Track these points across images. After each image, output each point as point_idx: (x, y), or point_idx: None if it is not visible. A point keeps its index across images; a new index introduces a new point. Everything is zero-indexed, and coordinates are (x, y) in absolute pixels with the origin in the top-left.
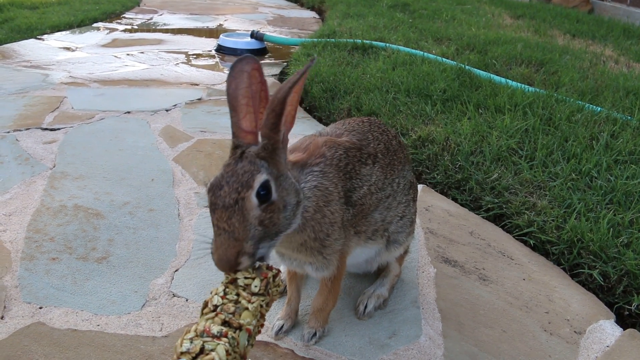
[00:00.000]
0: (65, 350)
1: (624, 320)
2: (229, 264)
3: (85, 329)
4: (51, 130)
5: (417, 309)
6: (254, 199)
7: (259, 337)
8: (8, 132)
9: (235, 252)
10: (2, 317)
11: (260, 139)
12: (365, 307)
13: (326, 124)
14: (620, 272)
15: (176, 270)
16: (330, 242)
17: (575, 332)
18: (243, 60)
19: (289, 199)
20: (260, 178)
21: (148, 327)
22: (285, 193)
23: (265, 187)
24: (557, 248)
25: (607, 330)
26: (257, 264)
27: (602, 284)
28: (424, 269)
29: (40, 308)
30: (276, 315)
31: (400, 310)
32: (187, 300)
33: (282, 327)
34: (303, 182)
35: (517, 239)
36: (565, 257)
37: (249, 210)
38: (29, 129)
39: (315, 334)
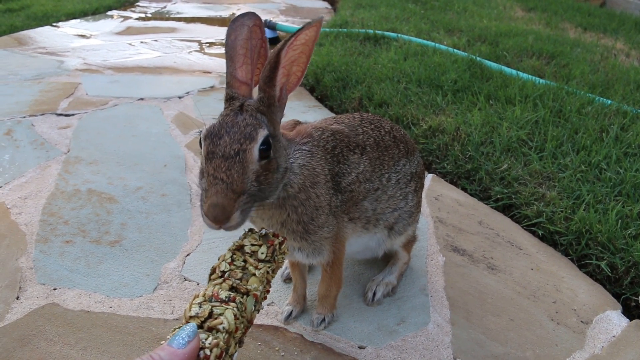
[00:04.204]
0: (79, 331)
1: (631, 311)
2: (223, 213)
3: (98, 311)
4: (66, 115)
5: (425, 296)
6: (255, 153)
7: (269, 322)
8: (24, 117)
9: (232, 202)
10: (17, 298)
11: (257, 93)
12: (374, 294)
13: (337, 113)
14: (627, 264)
15: (188, 255)
16: (314, 227)
17: (582, 321)
18: (245, 15)
19: (280, 161)
20: (263, 132)
21: (160, 309)
22: (278, 154)
23: (266, 142)
24: (566, 239)
25: (614, 320)
26: (264, 231)
27: (610, 275)
28: (433, 257)
29: (55, 289)
30: (285, 301)
31: (409, 297)
32: (198, 284)
33: (291, 312)
34: (292, 157)
35: (525, 229)
36: (573, 247)
37: (249, 163)
38: (44, 114)
39: (324, 319)
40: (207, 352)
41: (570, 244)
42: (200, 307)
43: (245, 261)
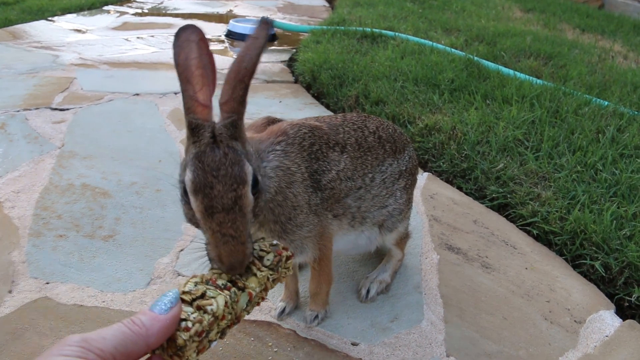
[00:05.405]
0: (71, 325)
1: (624, 312)
2: (241, 267)
3: (90, 305)
4: (60, 110)
5: (419, 294)
6: (250, 195)
7: (262, 317)
8: (18, 111)
9: (244, 256)
10: (10, 291)
11: (222, 114)
12: (368, 291)
13: (334, 111)
14: (621, 264)
15: (181, 250)
16: (292, 227)
17: (575, 321)
18: (187, 29)
19: (259, 175)
20: (249, 169)
21: None
22: (256, 171)
23: (255, 177)
24: (560, 239)
25: (607, 320)
26: (275, 241)
27: (604, 275)
28: (427, 255)
29: (47, 283)
30: (278, 298)
31: (403, 295)
32: None
33: (284, 309)
34: (265, 160)
35: (520, 229)
36: (567, 247)
37: (247, 206)
38: (38, 108)
39: (317, 316)
40: (189, 324)
41: (564, 244)
42: (195, 285)
43: (252, 263)
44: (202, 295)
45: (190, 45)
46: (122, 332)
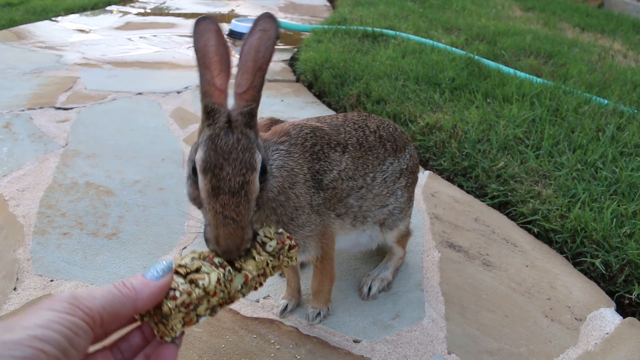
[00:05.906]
0: None
1: (624, 309)
2: (237, 251)
3: None
4: (64, 109)
5: (420, 291)
6: (257, 182)
7: (264, 315)
8: (22, 111)
9: (242, 241)
10: (14, 289)
11: (240, 102)
12: (370, 289)
13: (335, 110)
14: (622, 262)
15: (184, 248)
16: (294, 227)
17: (575, 318)
18: (206, 19)
19: (267, 166)
20: (260, 157)
21: None
22: (265, 161)
23: (263, 166)
24: (561, 236)
25: (607, 318)
26: (281, 230)
27: (604, 272)
28: (428, 253)
29: (52, 281)
30: (281, 295)
31: (404, 292)
32: None
33: (286, 306)
34: (270, 159)
35: (521, 227)
36: (568, 245)
37: (253, 193)
38: (42, 107)
39: (319, 313)
40: (177, 294)
41: (565, 242)
42: (192, 260)
43: (252, 246)
44: (197, 270)
45: (208, 33)
46: (111, 293)
